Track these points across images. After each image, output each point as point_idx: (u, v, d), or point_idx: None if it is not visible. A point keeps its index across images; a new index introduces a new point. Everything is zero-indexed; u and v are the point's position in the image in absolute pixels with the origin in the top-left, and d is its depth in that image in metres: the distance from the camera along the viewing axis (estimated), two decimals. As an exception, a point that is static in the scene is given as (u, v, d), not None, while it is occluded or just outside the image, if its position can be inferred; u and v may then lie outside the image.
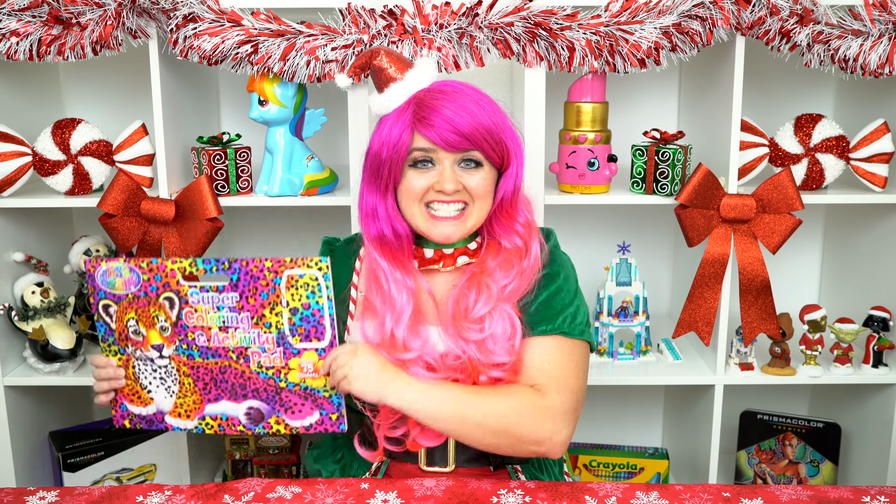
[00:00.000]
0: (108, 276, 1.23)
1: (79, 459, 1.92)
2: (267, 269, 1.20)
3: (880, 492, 1.21)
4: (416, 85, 1.25)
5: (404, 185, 1.25)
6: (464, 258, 1.30)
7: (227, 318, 1.22)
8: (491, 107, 1.24)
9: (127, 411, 1.31)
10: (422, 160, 1.24)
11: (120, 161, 1.75)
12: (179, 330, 1.24)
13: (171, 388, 1.27)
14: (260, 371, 1.24)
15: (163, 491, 1.22)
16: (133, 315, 1.25)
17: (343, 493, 1.19)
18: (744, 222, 1.71)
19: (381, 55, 1.28)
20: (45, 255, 1.91)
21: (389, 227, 1.27)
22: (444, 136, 1.20)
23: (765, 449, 2.03)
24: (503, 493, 1.19)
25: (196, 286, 1.22)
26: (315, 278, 1.19)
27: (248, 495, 1.20)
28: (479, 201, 1.26)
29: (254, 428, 1.26)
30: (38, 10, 1.58)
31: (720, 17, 1.59)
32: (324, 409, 1.24)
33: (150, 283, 1.23)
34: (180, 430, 1.30)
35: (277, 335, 1.22)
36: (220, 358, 1.24)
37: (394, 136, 1.23)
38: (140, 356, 1.26)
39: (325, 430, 1.25)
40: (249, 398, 1.25)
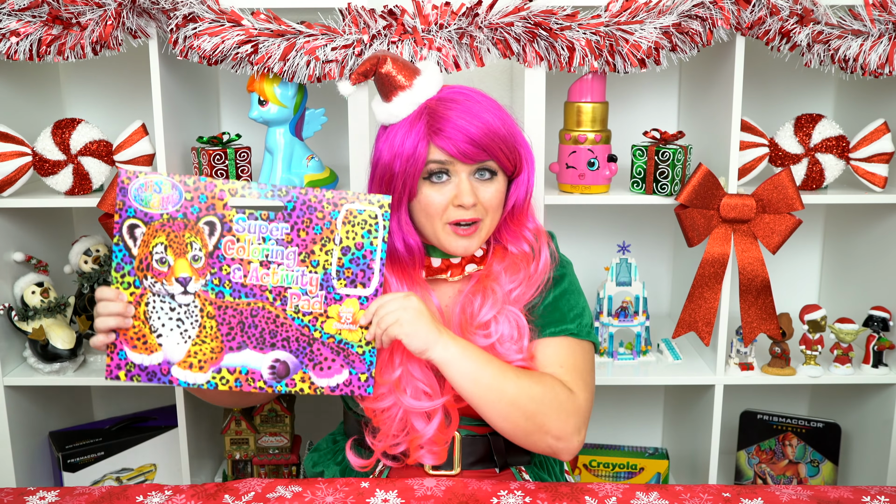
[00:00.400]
0: (145, 191, 1.11)
1: (79, 459, 1.92)
2: (326, 201, 1.14)
3: (880, 492, 1.21)
4: (425, 93, 1.22)
5: (421, 200, 1.22)
6: (472, 266, 1.29)
7: (272, 251, 1.13)
8: (501, 113, 1.22)
9: (125, 359, 1.15)
10: (437, 172, 1.21)
11: (120, 161, 1.75)
12: (214, 261, 1.13)
13: (188, 333, 1.15)
14: (296, 317, 1.15)
15: (163, 491, 1.22)
16: (163, 239, 1.12)
17: (343, 493, 1.19)
18: (744, 222, 1.71)
19: (387, 62, 1.24)
20: (45, 255, 1.91)
21: (401, 241, 1.24)
22: (461, 148, 1.18)
23: (765, 449, 2.03)
24: (503, 493, 1.19)
25: (244, 211, 1.12)
26: (374, 216, 1.15)
27: (249, 495, 1.20)
28: (491, 213, 1.25)
29: (275, 385, 1.16)
30: (38, 10, 1.58)
31: (720, 17, 1.59)
32: (354, 367, 1.17)
33: (192, 203, 1.12)
34: (188, 384, 1.16)
35: (322, 276, 1.14)
36: (255, 298, 1.14)
37: (408, 148, 1.19)
38: (158, 290, 1.13)
39: (351, 393, 1.18)
40: (278, 348, 1.16)
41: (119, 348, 1.15)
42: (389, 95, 1.23)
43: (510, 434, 1.22)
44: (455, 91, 1.23)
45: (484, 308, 1.25)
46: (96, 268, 1.88)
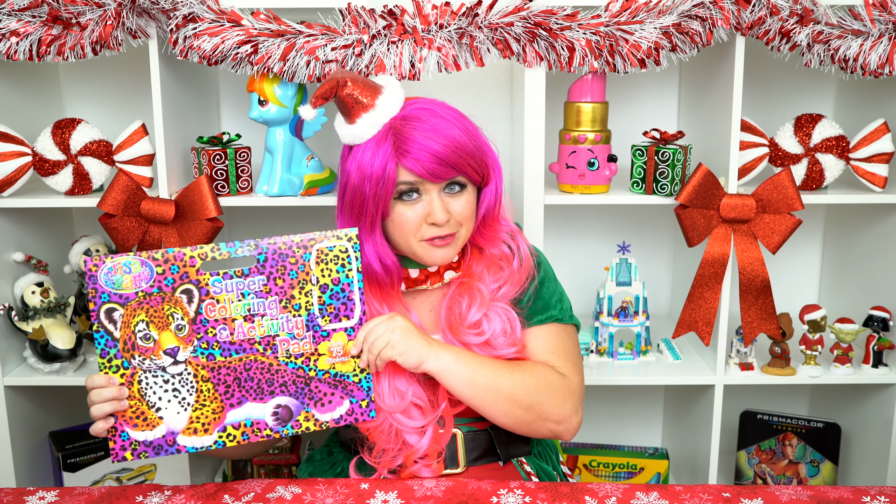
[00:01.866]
0: (115, 274, 1.12)
1: (79, 459, 1.92)
2: (296, 245, 1.16)
3: (880, 492, 1.21)
4: (388, 112, 1.22)
5: (395, 219, 1.24)
6: (450, 273, 1.31)
7: (254, 305, 1.16)
8: (466, 125, 1.23)
9: (129, 440, 1.16)
10: (408, 191, 1.22)
11: (120, 161, 1.75)
12: (198, 326, 1.15)
13: (186, 401, 1.16)
14: (288, 361, 1.18)
15: (163, 491, 1.22)
16: (143, 316, 1.13)
17: (343, 494, 1.19)
18: (744, 222, 1.71)
19: (347, 85, 1.22)
20: (45, 256, 1.91)
21: (377, 261, 1.25)
22: (429, 168, 1.19)
23: (765, 449, 2.03)
24: (503, 493, 1.19)
25: (218, 273, 1.14)
26: (345, 250, 1.17)
27: (248, 496, 1.20)
28: (465, 224, 1.26)
29: (281, 430, 1.19)
30: (37, 10, 1.58)
31: (720, 17, 1.59)
32: (353, 396, 1.20)
33: (164, 276, 1.13)
34: (196, 450, 1.17)
35: (307, 317, 1.17)
36: (245, 352, 1.17)
37: (377, 170, 1.20)
38: (148, 367, 1.15)
39: (355, 420, 1.21)
40: (277, 394, 1.18)
41: (120, 430, 1.16)
42: (353, 117, 1.23)
43: (512, 426, 1.25)
44: (418, 107, 1.23)
45: (472, 309, 1.27)
46: (96, 268, 1.88)
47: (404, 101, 1.25)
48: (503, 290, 1.30)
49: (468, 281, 1.30)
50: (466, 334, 1.26)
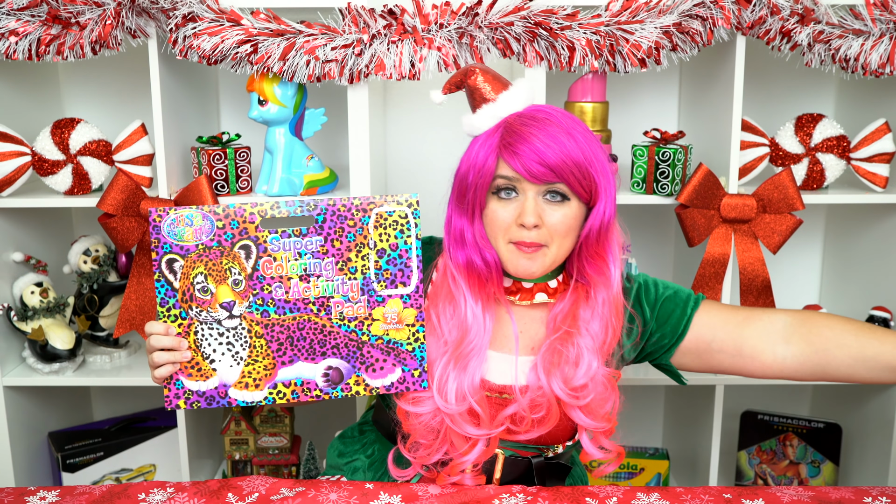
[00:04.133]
0: (177, 226, 1.14)
1: (78, 460, 1.92)
2: (355, 208, 1.16)
3: (882, 493, 1.21)
4: (509, 108, 1.20)
5: (488, 214, 1.20)
6: (542, 295, 1.25)
7: (310, 265, 1.16)
8: (584, 137, 1.18)
9: (183, 388, 1.18)
10: (505, 188, 1.19)
11: (119, 161, 1.75)
12: (255, 283, 1.16)
13: (239, 355, 1.18)
14: (342, 324, 1.18)
15: (165, 488, 1.21)
16: (202, 269, 1.15)
17: (347, 492, 1.19)
18: (744, 222, 1.71)
19: (476, 74, 1.23)
20: (44, 256, 1.91)
21: (479, 255, 1.21)
22: (528, 167, 1.15)
23: (765, 449, 2.03)
24: (505, 496, 1.19)
25: (277, 231, 1.15)
26: (405, 216, 1.17)
27: (253, 496, 1.19)
28: (557, 240, 1.19)
29: (331, 391, 1.19)
30: (36, 10, 1.57)
31: (721, 16, 1.59)
32: (406, 364, 1.19)
33: (224, 230, 1.14)
34: (247, 403, 1.18)
35: (363, 281, 1.17)
36: (299, 312, 1.17)
37: (479, 160, 1.18)
38: (205, 319, 1.16)
39: (407, 389, 1.19)
40: (329, 356, 1.18)
41: (175, 378, 1.18)
42: (475, 107, 1.23)
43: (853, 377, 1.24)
44: (537, 109, 1.21)
45: (579, 371, 1.21)
46: (95, 268, 1.88)
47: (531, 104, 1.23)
48: (608, 343, 1.24)
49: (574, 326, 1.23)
50: (562, 390, 1.20)
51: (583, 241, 1.22)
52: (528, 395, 1.21)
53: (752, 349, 1.25)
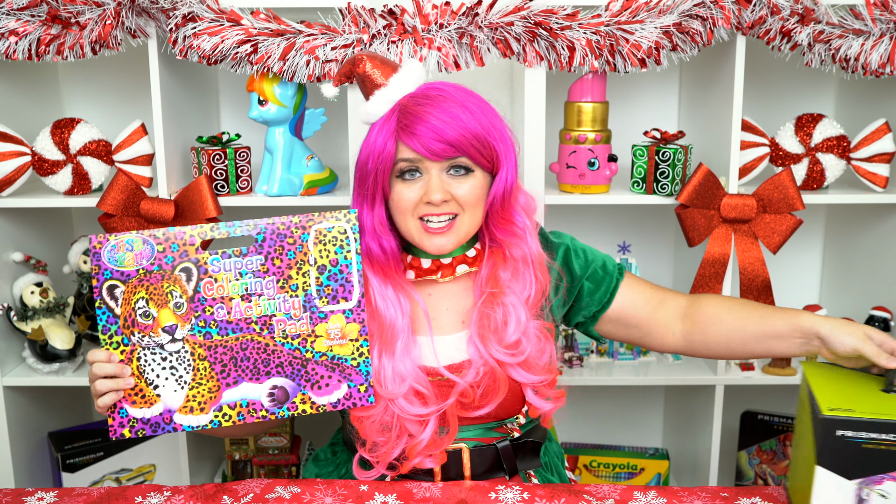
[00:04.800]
0: (117, 252, 1.14)
1: (78, 460, 1.92)
2: (294, 226, 1.16)
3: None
4: (401, 90, 1.20)
5: (394, 197, 1.21)
6: (463, 267, 1.26)
7: (251, 284, 1.15)
8: (479, 108, 1.19)
9: (127, 417, 1.17)
10: (408, 170, 1.19)
11: (119, 161, 1.75)
12: (196, 305, 1.15)
13: (183, 378, 1.16)
14: (285, 342, 1.17)
15: (162, 492, 1.22)
16: (143, 294, 1.14)
17: (342, 495, 1.19)
18: (744, 222, 1.71)
19: (364, 62, 1.22)
20: (44, 255, 1.91)
21: (376, 242, 1.23)
22: (427, 145, 1.16)
23: (765, 449, 2.03)
24: (501, 489, 1.19)
25: (217, 252, 1.15)
26: (344, 231, 1.17)
27: (247, 497, 1.19)
28: (469, 210, 1.21)
29: (277, 411, 1.18)
30: (36, 10, 1.57)
31: (721, 16, 1.59)
32: (352, 380, 1.19)
33: (165, 254, 1.14)
34: (192, 428, 1.17)
35: (304, 298, 1.17)
36: (242, 332, 1.16)
37: (378, 146, 1.19)
38: (147, 344, 1.16)
39: (353, 405, 1.19)
40: (273, 375, 1.17)
41: (119, 406, 1.17)
42: (368, 94, 1.23)
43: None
44: (430, 87, 1.21)
45: (509, 327, 1.22)
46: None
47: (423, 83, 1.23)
48: (532, 296, 1.25)
49: (497, 287, 1.24)
50: (500, 352, 1.22)
51: (488, 208, 1.24)
52: (472, 369, 1.22)
53: (658, 329, 1.34)
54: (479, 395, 1.22)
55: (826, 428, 1.00)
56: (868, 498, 1.00)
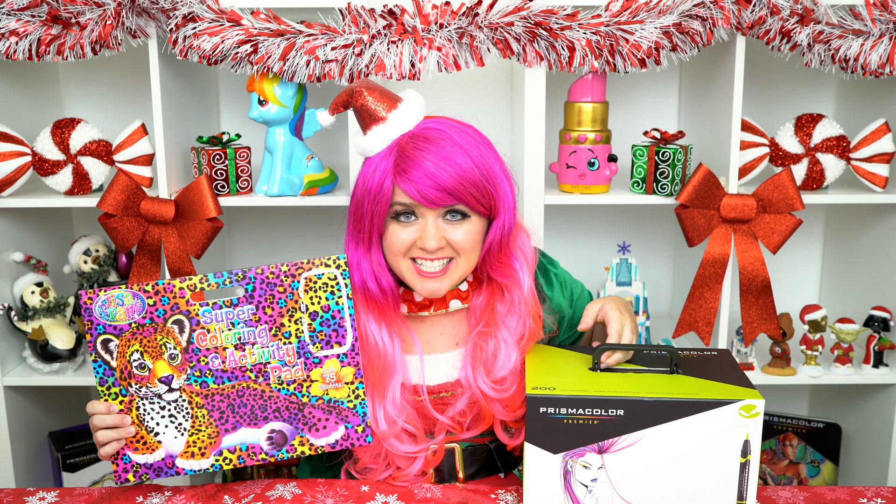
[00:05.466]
0: (108, 307, 1.16)
1: (78, 460, 1.92)
2: (284, 274, 1.16)
3: (877, 493, 1.21)
4: (400, 128, 1.18)
5: (388, 238, 1.20)
6: (456, 302, 1.27)
7: (244, 333, 1.17)
8: (478, 151, 1.17)
9: (130, 462, 1.20)
10: (404, 213, 1.18)
11: (119, 161, 1.75)
12: (191, 355, 1.17)
13: (183, 426, 1.19)
14: (281, 388, 1.18)
15: (163, 492, 1.22)
16: (137, 347, 1.16)
17: (343, 496, 1.19)
18: (744, 222, 1.71)
19: (363, 95, 1.19)
20: (44, 255, 1.91)
21: (374, 281, 1.22)
22: (424, 193, 1.14)
23: (765, 449, 2.03)
24: (501, 493, 1.20)
25: (208, 303, 1.16)
26: (333, 277, 1.17)
27: (248, 497, 1.19)
28: (464, 255, 1.21)
29: (276, 454, 1.20)
30: (37, 10, 1.57)
31: (720, 16, 1.59)
32: (349, 421, 1.20)
33: (156, 307, 1.16)
34: (194, 472, 1.20)
35: (297, 345, 1.18)
36: (238, 380, 1.18)
37: (375, 186, 1.16)
38: (145, 394, 1.18)
39: (351, 446, 1.21)
40: (271, 420, 1.19)
41: (122, 453, 1.20)
42: (365, 128, 1.20)
43: None
44: (431, 128, 1.18)
45: (498, 362, 1.23)
46: (96, 268, 1.88)
47: (423, 118, 1.21)
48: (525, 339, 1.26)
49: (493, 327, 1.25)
50: (486, 385, 1.23)
51: (485, 252, 1.23)
52: (463, 396, 1.24)
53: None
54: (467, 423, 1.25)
55: (531, 406, 1.07)
56: (572, 470, 1.07)
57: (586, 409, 1.06)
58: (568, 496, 1.08)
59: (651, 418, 1.05)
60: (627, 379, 1.12)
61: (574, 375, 1.13)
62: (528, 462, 1.08)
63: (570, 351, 1.24)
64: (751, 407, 1.05)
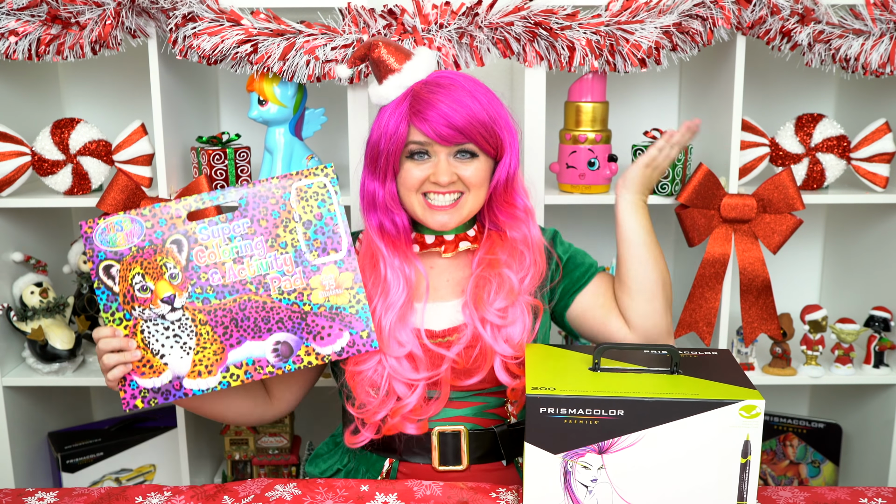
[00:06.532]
0: (108, 233, 1.19)
1: (78, 460, 1.92)
2: (275, 187, 1.20)
3: (877, 493, 1.21)
4: (414, 76, 1.27)
5: (402, 175, 1.28)
6: (465, 243, 1.33)
7: (241, 247, 1.20)
8: (487, 97, 1.26)
9: (138, 388, 1.20)
10: (418, 152, 1.26)
11: (119, 161, 1.75)
12: (191, 273, 1.19)
13: (188, 345, 1.20)
14: (282, 297, 1.20)
15: (162, 492, 1.22)
16: (138, 269, 1.19)
17: (343, 497, 1.19)
18: (744, 222, 1.71)
19: (379, 47, 1.29)
20: (44, 256, 1.91)
21: (388, 218, 1.30)
22: (438, 131, 1.23)
23: (766, 449, 2.03)
24: (502, 491, 1.20)
25: (203, 221, 1.19)
26: (323, 185, 1.21)
27: (248, 497, 1.19)
28: (474, 190, 1.29)
29: (283, 365, 1.20)
30: (36, 10, 1.57)
31: (721, 16, 1.59)
32: (353, 327, 1.21)
33: (154, 229, 1.19)
34: (203, 391, 1.20)
35: (294, 254, 1.20)
36: (239, 293, 1.20)
37: (391, 128, 1.25)
38: (148, 316, 1.20)
39: (358, 352, 1.22)
40: (275, 331, 1.20)
41: (129, 379, 1.21)
42: (381, 79, 1.29)
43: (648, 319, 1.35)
44: (441, 75, 1.28)
45: (500, 295, 1.29)
46: (95, 268, 1.88)
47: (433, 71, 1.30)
48: (528, 280, 1.32)
49: (495, 263, 1.31)
50: (490, 313, 1.29)
51: (492, 192, 1.32)
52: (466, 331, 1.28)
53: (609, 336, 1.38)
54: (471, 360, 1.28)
55: (531, 406, 1.07)
56: (572, 470, 1.07)
57: (586, 410, 1.06)
58: (568, 496, 1.08)
59: (651, 418, 1.05)
60: (627, 379, 1.12)
61: (574, 375, 1.13)
62: (528, 462, 1.08)
63: (570, 351, 1.24)
64: (751, 407, 1.05)
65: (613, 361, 1.18)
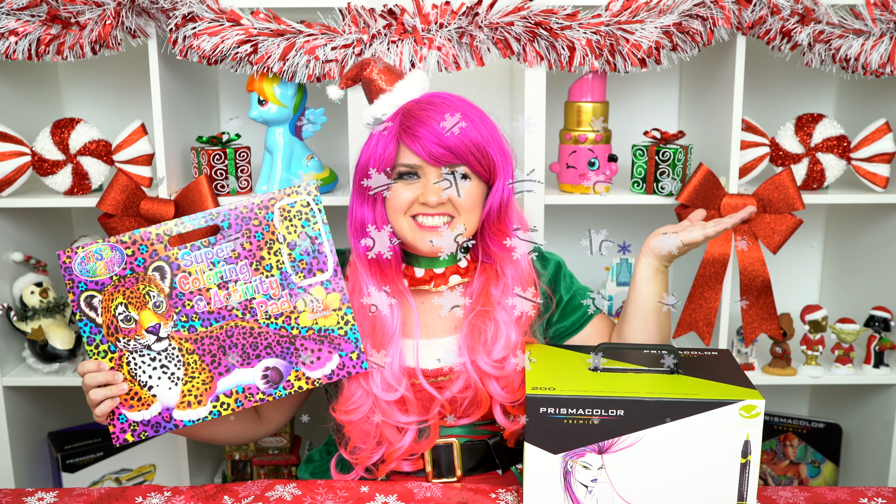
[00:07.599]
0: (88, 263, 1.15)
1: (78, 460, 1.92)
2: (257, 207, 1.17)
3: (877, 493, 1.21)
4: (405, 96, 1.24)
5: (391, 195, 1.23)
6: (456, 277, 1.28)
7: (225, 272, 1.16)
8: (480, 119, 1.22)
9: (127, 422, 1.17)
10: (407, 173, 1.22)
11: (119, 161, 1.75)
12: (175, 301, 1.16)
13: (176, 375, 1.17)
14: (269, 322, 1.17)
15: (162, 492, 1.22)
16: (121, 299, 1.15)
17: (343, 497, 1.19)
18: (745, 222, 1.71)
19: (371, 66, 1.26)
20: (44, 255, 1.91)
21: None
22: (428, 150, 1.18)
23: (766, 449, 2.03)
24: (502, 492, 1.20)
25: (185, 246, 1.16)
26: (307, 204, 1.17)
27: (248, 498, 1.19)
28: (464, 213, 1.23)
29: (274, 392, 1.18)
30: (36, 10, 1.57)
31: (721, 16, 1.59)
32: (342, 349, 1.18)
33: (135, 256, 1.15)
34: (193, 422, 1.17)
35: (280, 276, 1.17)
36: (225, 319, 1.17)
37: (379, 149, 1.21)
38: (134, 347, 1.16)
39: (348, 374, 1.19)
40: (263, 357, 1.17)
41: (118, 413, 1.18)
42: (372, 98, 1.26)
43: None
44: (434, 95, 1.24)
45: (498, 344, 1.24)
46: (95, 268, 1.88)
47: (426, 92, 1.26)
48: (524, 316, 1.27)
49: (489, 304, 1.26)
50: (486, 364, 1.24)
51: (484, 218, 1.26)
52: (459, 380, 1.24)
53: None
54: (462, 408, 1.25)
55: (531, 406, 1.06)
56: (572, 470, 1.07)
57: (586, 410, 1.06)
58: (568, 496, 1.08)
59: (651, 418, 1.05)
60: (627, 379, 1.12)
61: (574, 375, 1.13)
62: (528, 462, 1.08)
63: (570, 351, 1.24)
64: (751, 407, 1.05)
65: (613, 361, 1.18)
